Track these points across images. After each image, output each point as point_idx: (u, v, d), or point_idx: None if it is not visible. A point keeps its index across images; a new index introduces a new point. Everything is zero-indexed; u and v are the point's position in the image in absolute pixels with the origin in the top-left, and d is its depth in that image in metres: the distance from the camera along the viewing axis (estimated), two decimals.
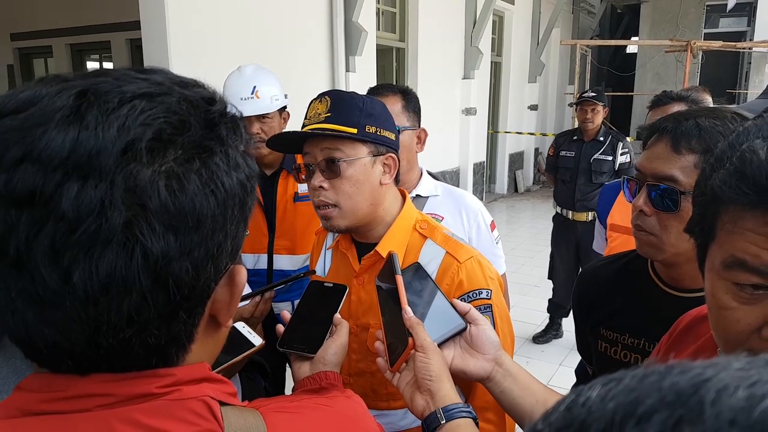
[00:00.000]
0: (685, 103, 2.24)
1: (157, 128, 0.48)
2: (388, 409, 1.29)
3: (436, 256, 1.27)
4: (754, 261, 0.61)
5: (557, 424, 0.27)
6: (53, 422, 0.50)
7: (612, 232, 2.23)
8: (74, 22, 7.74)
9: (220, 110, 0.55)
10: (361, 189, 1.23)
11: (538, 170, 11.65)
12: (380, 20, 7.06)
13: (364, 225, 1.28)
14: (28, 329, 0.48)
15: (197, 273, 0.51)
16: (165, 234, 0.47)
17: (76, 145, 0.45)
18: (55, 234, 0.45)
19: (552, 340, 4.61)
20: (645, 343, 1.23)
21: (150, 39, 4.07)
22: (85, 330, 0.48)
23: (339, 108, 1.22)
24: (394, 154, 1.29)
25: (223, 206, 0.52)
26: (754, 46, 10.33)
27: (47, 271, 0.45)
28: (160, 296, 0.49)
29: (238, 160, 0.55)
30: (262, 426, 0.57)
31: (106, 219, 0.45)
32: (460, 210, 2.06)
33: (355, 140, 1.22)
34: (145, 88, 0.50)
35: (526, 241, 7.67)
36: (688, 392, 0.25)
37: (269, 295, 1.47)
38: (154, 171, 0.47)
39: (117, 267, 0.46)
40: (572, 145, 4.42)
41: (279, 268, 2.40)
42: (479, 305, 1.19)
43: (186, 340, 0.55)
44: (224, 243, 0.53)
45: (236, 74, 2.33)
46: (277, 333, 1.10)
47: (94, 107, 0.47)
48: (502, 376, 1.00)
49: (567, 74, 13.19)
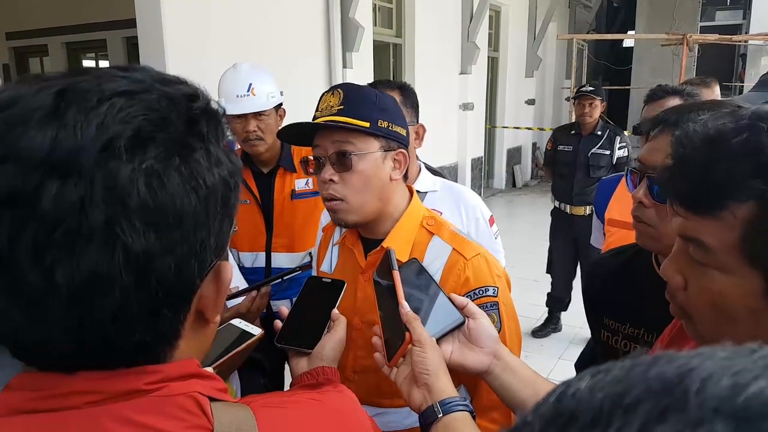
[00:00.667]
0: (680, 97, 2.25)
1: (136, 126, 0.48)
2: (393, 407, 1.28)
3: (443, 252, 1.26)
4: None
5: (547, 414, 0.28)
6: (43, 420, 0.51)
7: (610, 227, 2.23)
8: (70, 21, 7.70)
9: (202, 107, 0.55)
10: (371, 184, 1.22)
11: (536, 165, 11.64)
12: (377, 16, 7.04)
13: (372, 220, 1.27)
14: (15, 328, 0.48)
15: (180, 270, 0.51)
16: (146, 231, 0.48)
17: (55, 144, 0.46)
18: (37, 233, 0.45)
19: (551, 334, 4.63)
20: (644, 333, 1.26)
21: (146, 37, 4.06)
22: (69, 328, 0.48)
23: (352, 101, 1.21)
24: (404, 150, 1.28)
25: (205, 203, 0.52)
26: (750, 38, 10.33)
27: (30, 270, 0.46)
28: (143, 293, 0.49)
29: (220, 156, 0.55)
30: (252, 421, 0.57)
31: (87, 217, 0.45)
32: (458, 205, 2.06)
33: (368, 134, 1.21)
34: (125, 86, 0.50)
35: (525, 235, 7.67)
36: (674, 382, 0.25)
37: (265, 290, 1.46)
38: (133, 169, 0.47)
39: (99, 265, 0.46)
40: (570, 139, 4.43)
41: (277, 265, 2.40)
42: (485, 302, 1.19)
43: (172, 337, 0.55)
44: (207, 239, 0.53)
45: (232, 72, 2.33)
46: (275, 329, 1.10)
47: (73, 106, 0.47)
48: (500, 370, 1.00)
49: (564, 69, 13.17)
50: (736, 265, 0.67)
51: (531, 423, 0.28)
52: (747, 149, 0.64)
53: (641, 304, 1.24)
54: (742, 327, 0.69)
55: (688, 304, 0.75)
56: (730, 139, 0.66)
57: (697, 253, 0.71)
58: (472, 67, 8.70)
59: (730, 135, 0.66)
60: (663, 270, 0.79)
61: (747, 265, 0.67)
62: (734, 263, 0.67)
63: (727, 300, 0.69)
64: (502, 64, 10.50)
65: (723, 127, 0.68)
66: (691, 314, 0.76)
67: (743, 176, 0.64)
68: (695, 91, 2.42)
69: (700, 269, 0.72)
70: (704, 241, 0.69)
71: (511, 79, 10.67)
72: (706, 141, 0.69)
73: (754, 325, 0.68)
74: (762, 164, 0.63)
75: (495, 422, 1.18)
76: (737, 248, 0.66)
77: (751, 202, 0.65)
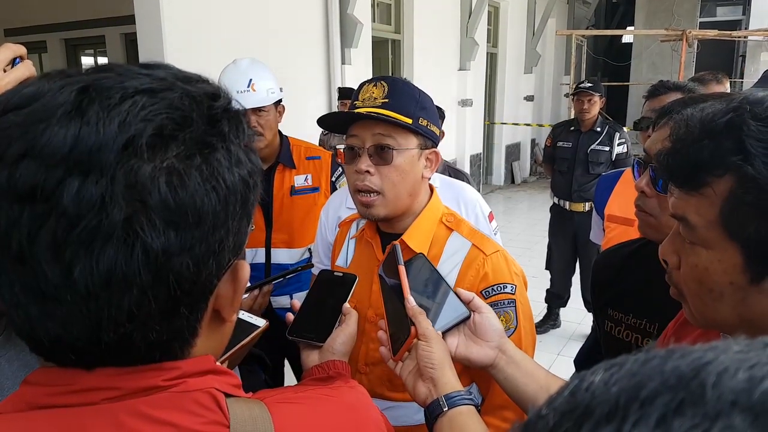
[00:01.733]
0: (682, 92, 2.24)
1: (158, 124, 0.48)
2: (404, 400, 1.26)
3: (462, 247, 1.27)
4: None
5: (561, 408, 0.28)
6: (61, 415, 0.51)
7: (610, 223, 2.23)
8: (68, 17, 7.68)
9: (223, 106, 0.55)
10: (406, 179, 1.23)
11: (534, 161, 11.65)
12: (375, 12, 7.03)
13: (398, 215, 1.28)
14: (32, 323, 0.49)
15: (198, 269, 0.51)
16: (165, 230, 0.47)
17: (77, 141, 0.46)
18: (57, 229, 0.45)
19: (550, 330, 4.63)
20: (646, 324, 1.28)
21: (145, 33, 4.06)
22: (86, 325, 0.48)
23: (397, 95, 1.21)
24: (436, 149, 1.30)
25: (225, 202, 0.52)
26: (750, 34, 10.32)
27: (49, 266, 0.46)
28: (161, 292, 0.49)
29: (240, 156, 0.55)
30: (267, 417, 0.57)
31: (107, 215, 0.45)
32: (458, 201, 2.06)
33: (409, 130, 1.22)
34: (147, 83, 0.50)
35: (523, 232, 7.68)
36: (690, 375, 0.25)
37: (267, 289, 1.47)
38: (154, 167, 0.47)
39: (117, 262, 0.46)
40: (569, 135, 4.43)
41: (277, 261, 2.39)
42: (503, 299, 1.20)
43: (189, 335, 0.55)
44: (226, 239, 0.53)
45: (232, 67, 2.33)
46: (286, 321, 1.10)
47: (96, 103, 0.47)
48: (505, 363, 1.01)
49: (563, 65, 13.16)
50: (717, 240, 0.70)
51: (546, 416, 0.28)
52: (729, 128, 0.68)
53: (645, 295, 1.26)
54: (728, 303, 0.72)
55: (681, 282, 0.78)
56: (716, 120, 0.69)
57: (685, 231, 0.75)
58: (470, 63, 8.69)
59: (718, 116, 0.69)
60: (660, 250, 0.82)
61: (727, 239, 0.69)
62: (715, 239, 0.70)
63: (711, 276, 0.72)
64: (501, 60, 10.49)
65: (712, 109, 0.71)
66: (683, 293, 0.79)
67: (725, 153, 0.67)
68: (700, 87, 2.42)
69: (690, 248, 0.75)
70: (688, 219, 0.73)
71: (510, 75, 10.66)
72: (696, 122, 0.72)
73: (739, 301, 0.71)
74: (741, 140, 0.66)
75: (507, 421, 1.18)
76: (718, 223, 0.70)
77: (728, 176, 0.68)
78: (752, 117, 0.66)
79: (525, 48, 11.15)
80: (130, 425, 0.51)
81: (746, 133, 0.66)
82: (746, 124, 0.66)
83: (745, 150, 0.66)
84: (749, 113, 0.67)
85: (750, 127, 0.66)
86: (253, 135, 0.60)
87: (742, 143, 0.66)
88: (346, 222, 1.51)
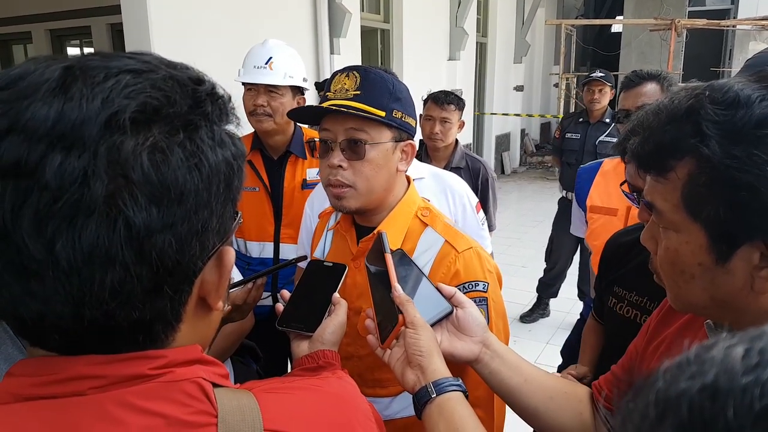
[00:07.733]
0: (657, 81, 2.23)
1: (141, 101, 0.49)
2: (374, 396, 1.27)
3: (435, 243, 1.25)
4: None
5: None
6: (47, 407, 0.51)
7: (592, 214, 2.22)
8: (53, 7, 7.58)
9: (207, 90, 0.55)
10: (380, 173, 1.21)
11: (524, 152, 11.68)
12: (364, 1, 6.99)
13: (372, 208, 1.27)
14: (15, 302, 0.49)
15: (181, 248, 0.51)
16: (147, 206, 0.48)
17: (60, 116, 0.46)
18: (39, 204, 0.45)
19: (539, 319, 4.67)
20: (647, 301, 1.39)
21: (131, 23, 4.01)
22: (68, 302, 0.48)
23: (369, 87, 1.18)
24: (412, 141, 1.27)
25: (208, 182, 0.52)
26: (738, 23, 10.37)
27: (31, 241, 0.46)
28: (144, 269, 0.49)
29: (224, 137, 0.55)
30: (255, 406, 0.57)
31: (89, 189, 0.45)
32: (445, 192, 2.07)
33: (382, 124, 1.19)
34: (132, 65, 0.51)
35: (513, 222, 7.71)
36: None
37: (261, 282, 1.46)
38: (137, 143, 0.48)
39: (99, 238, 0.46)
40: (578, 127, 4.41)
41: (285, 257, 2.31)
42: (474, 297, 1.18)
43: (173, 319, 0.55)
44: (209, 220, 0.53)
45: (258, 45, 2.32)
46: (276, 311, 1.10)
47: (80, 80, 0.48)
48: (489, 358, 1.01)
49: (552, 54, 13.17)
50: (683, 223, 0.73)
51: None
52: (689, 112, 0.70)
53: (649, 274, 1.29)
54: (699, 285, 0.75)
55: (658, 266, 0.81)
56: (679, 106, 0.72)
57: (656, 216, 0.77)
58: (460, 53, 8.67)
59: (682, 102, 0.72)
60: (641, 238, 0.85)
61: (691, 221, 0.72)
62: (681, 221, 0.73)
63: (681, 257, 0.75)
64: (490, 49, 10.47)
65: (678, 96, 0.74)
66: (662, 278, 0.82)
67: (684, 136, 0.70)
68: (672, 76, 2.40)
69: (663, 232, 0.77)
70: (656, 204, 0.76)
71: (500, 65, 10.65)
72: (663, 109, 0.74)
73: (709, 282, 0.74)
74: (698, 123, 0.69)
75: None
76: (681, 206, 0.72)
77: (687, 159, 0.70)
78: (710, 101, 0.69)
79: (514, 38, 11.13)
80: (118, 416, 0.51)
81: (703, 116, 0.69)
82: (704, 107, 0.69)
83: (701, 132, 0.68)
84: (708, 98, 0.69)
85: (707, 110, 0.69)
86: (239, 122, 0.60)
87: (698, 126, 0.69)
88: (326, 213, 1.49)
